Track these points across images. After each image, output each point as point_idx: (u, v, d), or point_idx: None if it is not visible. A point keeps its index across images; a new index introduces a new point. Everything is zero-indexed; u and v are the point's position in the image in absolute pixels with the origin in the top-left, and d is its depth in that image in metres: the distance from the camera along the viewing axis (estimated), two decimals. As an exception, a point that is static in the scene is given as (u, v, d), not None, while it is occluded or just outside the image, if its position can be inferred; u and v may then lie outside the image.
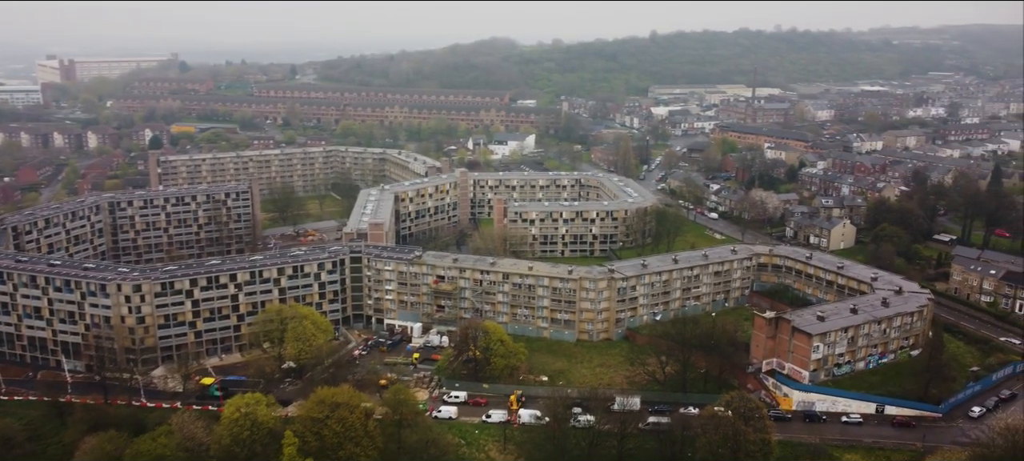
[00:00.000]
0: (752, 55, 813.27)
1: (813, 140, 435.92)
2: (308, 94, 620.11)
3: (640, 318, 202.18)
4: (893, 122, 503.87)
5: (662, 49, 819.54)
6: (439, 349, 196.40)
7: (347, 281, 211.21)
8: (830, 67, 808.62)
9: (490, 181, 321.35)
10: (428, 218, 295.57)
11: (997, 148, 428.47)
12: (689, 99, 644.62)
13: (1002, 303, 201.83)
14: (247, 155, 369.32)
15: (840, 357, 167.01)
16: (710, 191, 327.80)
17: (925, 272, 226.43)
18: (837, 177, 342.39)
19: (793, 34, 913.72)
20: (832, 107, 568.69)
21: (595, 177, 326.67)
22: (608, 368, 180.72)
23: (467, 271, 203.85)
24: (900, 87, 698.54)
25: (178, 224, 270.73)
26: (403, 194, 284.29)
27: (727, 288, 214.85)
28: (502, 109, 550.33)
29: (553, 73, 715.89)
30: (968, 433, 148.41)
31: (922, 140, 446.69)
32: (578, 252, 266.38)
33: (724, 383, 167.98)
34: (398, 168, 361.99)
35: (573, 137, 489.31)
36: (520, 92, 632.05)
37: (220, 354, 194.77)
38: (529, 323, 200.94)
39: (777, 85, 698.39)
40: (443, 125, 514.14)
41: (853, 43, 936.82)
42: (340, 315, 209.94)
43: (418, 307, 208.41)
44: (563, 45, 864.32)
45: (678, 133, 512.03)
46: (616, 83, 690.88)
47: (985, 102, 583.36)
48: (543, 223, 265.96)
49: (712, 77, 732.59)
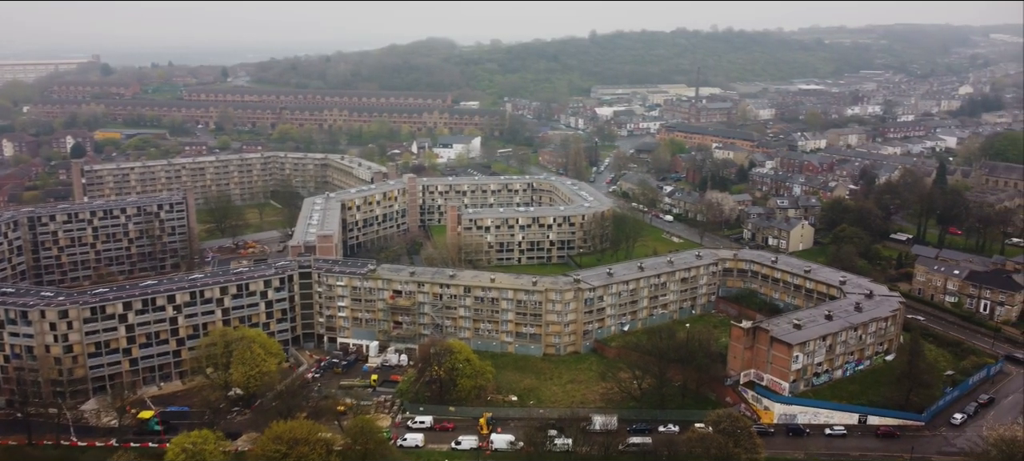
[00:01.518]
0: (691, 55, 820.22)
1: (759, 139, 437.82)
2: (242, 97, 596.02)
3: (608, 329, 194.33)
4: (833, 120, 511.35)
5: (602, 49, 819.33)
6: (398, 369, 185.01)
7: (296, 298, 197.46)
8: (767, 66, 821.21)
9: (440, 187, 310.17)
10: (376, 227, 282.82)
11: (935, 145, 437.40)
12: (632, 99, 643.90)
13: (966, 303, 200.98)
14: (179, 162, 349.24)
15: (818, 366, 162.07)
16: (663, 193, 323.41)
17: (887, 273, 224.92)
18: (787, 177, 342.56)
19: (730, 34, 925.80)
20: (773, 106, 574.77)
21: (548, 181, 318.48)
22: (579, 384, 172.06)
23: (426, 285, 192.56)
24: (835, 85, 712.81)
25: (106, 239, 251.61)
26: (350, 202, 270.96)
27: (694, 295, 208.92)
28: (445, 111, 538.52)
29: (495, 74, 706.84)
30: (953, 442, 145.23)
31: (864, 138, 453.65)
32: (535, 259, 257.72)
33: (702, 397, 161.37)
34: (341, 174, 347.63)
35: (519, 139, 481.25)
36: (462, 93, 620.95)
37: (159, 383, 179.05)
38: (493, 338, 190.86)
39: (717, 85, 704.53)
40: (385, 128, 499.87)
41: (787, 43, 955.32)
42: (289, 335, 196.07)
43: (373, 324, 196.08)
44: (503, 45, 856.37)
45: (624, 134, 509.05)
46: (559, 83, 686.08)
47: (918, 100, 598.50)
48: (498, 230, 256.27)
49: (653, 77, 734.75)
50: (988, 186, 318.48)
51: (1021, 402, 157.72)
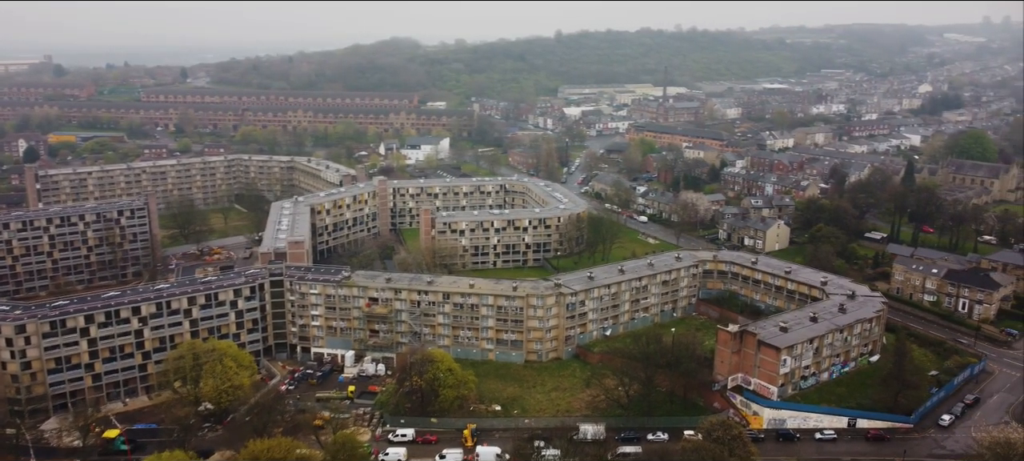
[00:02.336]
0: (656, 54, 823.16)
1: (728, 139, 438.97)
2: (202, 98, 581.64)
3: (590, 334, 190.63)
4: (799, 119, 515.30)
5: (568, 49, 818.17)
6: (376, 379, 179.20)
7: (268, 308, 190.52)
8: (731, 66, 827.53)
9: (411, 189, 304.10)
10: (346, 231, 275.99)
11: (900, 143, 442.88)
12: (599, 99, 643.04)
13: (945, 302, 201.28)
14: (139, 166, 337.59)
15: (805, 369, 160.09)
16: (637, 194, 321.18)
17: (864, 272, 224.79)
18: (759, 176, 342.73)
19: (694, 34, 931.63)
20: (739, 105, 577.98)
21: (520, 182, 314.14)
22: (564, 392, 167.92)
23: (403, 292, 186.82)
24: (798, 85, 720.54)
25: (64, 248, 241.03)
26: (319, 206, 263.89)
27: (675, 298, 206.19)
28: (412, 112, 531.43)
29: (461, 74, 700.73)
30: (943, 444, 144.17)
31: (830, 136, 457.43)
32: (511, 263, 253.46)
33: (689, 403, 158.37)
34: (309, 177, 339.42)
35: (487, 140, 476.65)
36: (428, 94, 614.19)
37: (124, 399, 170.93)
38: (473, 346, 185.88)
39: (683, 84, 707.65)
40: (351, 129, 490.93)
41: (750, 42, 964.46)
42: (261, 346, 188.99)
43: (349, 333, 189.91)
44: (469, 45, 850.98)
45: (593, 134, 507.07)
46: (525, 83, 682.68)
47: (880, 98, 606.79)
48: (473, 234, 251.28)
49: (620, 76, 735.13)
50: (955, 184, 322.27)
51: (1006, 401, 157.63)
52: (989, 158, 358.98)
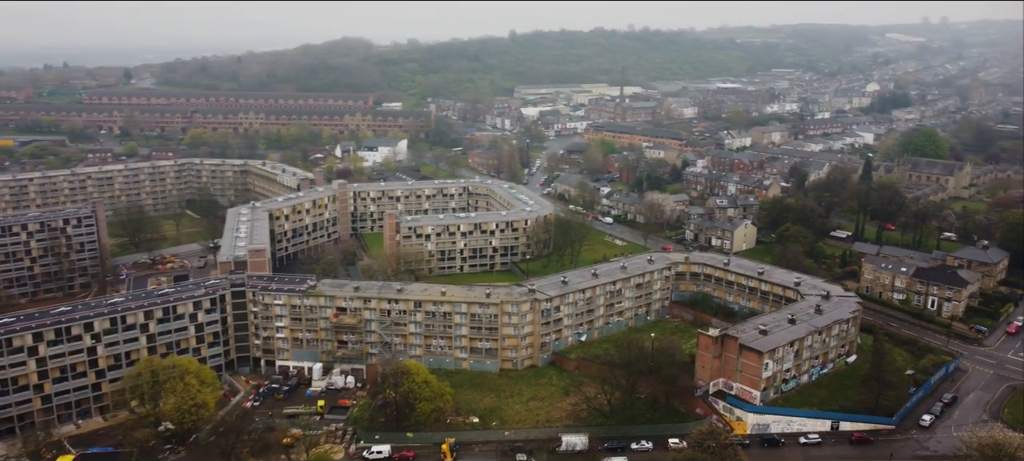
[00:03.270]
0: (610, 54, 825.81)
1: (687, 138, 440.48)
2: (148, 100, 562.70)
3: (565, 340, 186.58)
4: (754, 118, 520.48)
5: (523, 49, 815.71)
6: (345, 392, 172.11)
7: (229, 320, 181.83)
8: (684, 65, 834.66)
9: (371, 193, 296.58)
10: (306, 237, 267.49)
11: (854, 141, 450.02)
12: (556, 99, 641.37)
13: (915, 300, 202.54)
14: (84, 172, 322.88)
15: (787, 372, 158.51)
16: (601, 195, 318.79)
17: (832, 271, 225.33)
18: (721, 176, 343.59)
19: (647, 34, 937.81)
20: (695, 105, 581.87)
21: (484, 184, 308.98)
22: (543, 401, 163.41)
23: (372, 301, 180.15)
24: (751, 84, 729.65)
25: (5, 259, 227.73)
26: (277, 211, 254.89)
27: (648, 301, 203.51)
28: (367, 113, 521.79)
29: (416, 74, 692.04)
30: (925, 444, 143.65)
31: (786, 135, 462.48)
32: (478, 267, 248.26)
33: (672, 410, 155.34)
34: (264, 181, 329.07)
35: (446, 141, 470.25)
36: (383, 94, 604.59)
37: (76, 421, 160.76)
38: (446, 355, 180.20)
39: (638, 84, 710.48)
40: (305, 131, 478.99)
41: (701, 42, 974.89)
42: (223, 360, 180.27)
43: (316, 345, 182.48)
44: (423, 45, 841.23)
45: (551, 134, 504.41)
46: (481, 84, 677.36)
47: (831, 97, 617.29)
48: (439, 238, 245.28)
49: (575, 76, 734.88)
50: (912, 181, 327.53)
51: (983, 399, 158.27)
52: (941, 155, 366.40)
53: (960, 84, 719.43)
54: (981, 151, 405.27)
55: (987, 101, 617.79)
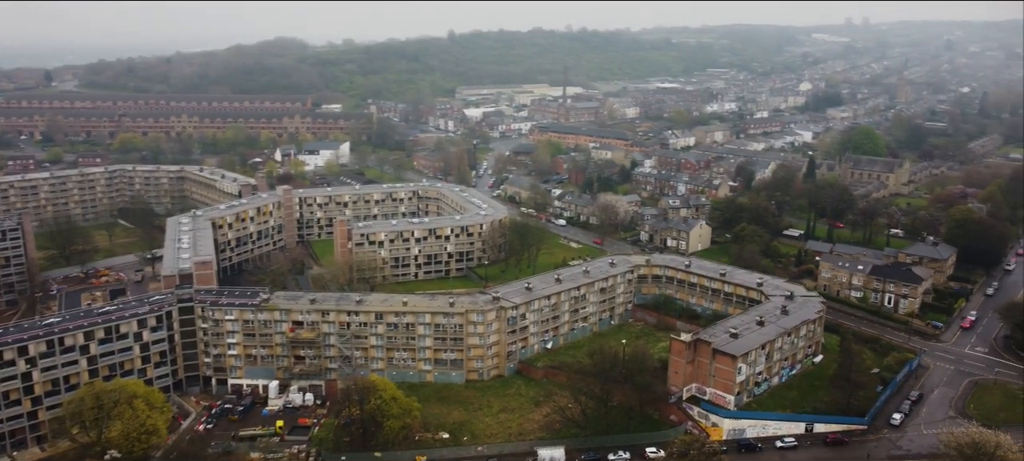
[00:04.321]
0: (550, 54, 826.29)
1: (633, 138, 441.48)
2: (72, 104, 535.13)
3: (531, 348, 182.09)
4: (696, 118, 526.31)
5: (463, 49, 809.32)
6: (304, 410, 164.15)
7: (177, 338, 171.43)
8: (623, 65, 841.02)
9: (318, 198, 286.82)
10: (251, 246, 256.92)
11: (793, 140, 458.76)
12: (498, 100, 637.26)
13: (872, 298, 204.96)
14: (6, 181, 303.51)
15: (758, 375, 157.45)
16: (553, 196, 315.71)
17: (789, 270, 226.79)
18: (670, 176, 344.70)
19: (585, 34, 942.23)
20: (637, 105, 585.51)
21: (434, 187, 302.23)
22: (513, 413, 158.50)
23: (331, 313, 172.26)
24: (689, 84, 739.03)
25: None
26: (220, 220, 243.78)
27: (612, 305, 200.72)
28: (307, 115, 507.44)
29: (355, 75, 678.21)
30: (899, 444, 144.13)
31: (728, 134, 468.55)
32: (433, 274, 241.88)
33: (646, 417, 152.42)
34: (202, 188, 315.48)
35: (389, 143, 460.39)
36: (322, 96, 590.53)
37: (11, 453, 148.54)
38: (409, 368, 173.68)
39: (579, 84, 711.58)
40: (242, 135, 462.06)
41: (638, 42, 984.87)
42: (171, 380, 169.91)
43: (271, 361, 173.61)
44: (361, 45, 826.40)
45: (496, 135, 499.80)
46: (422, 84, 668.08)
47: (768, 97, 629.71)
48: (392, 244, 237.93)
49: (516, 77, 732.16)
50: (854, 179, 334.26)
51: (947, 395, 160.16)
52: (879, 153, 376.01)
53: (887, 83, 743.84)
54: (914, 148, 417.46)
55: (914, 99, 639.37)
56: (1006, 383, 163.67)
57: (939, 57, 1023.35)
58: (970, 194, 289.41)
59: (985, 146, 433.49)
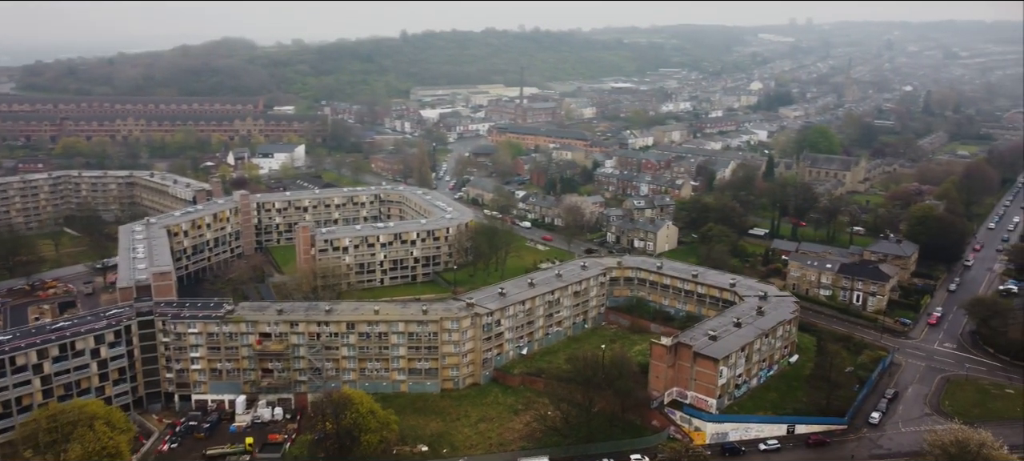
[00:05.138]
0: (504, 55, 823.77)
1: (592, 138, 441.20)
2: (9, 107, 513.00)
3: (507, 355, 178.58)
4: (652, 117, 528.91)
5: (416, 49, 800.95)
6: (274, 425, 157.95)
7: (136, 353, 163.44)
8: (576, 66, 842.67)
9: (277, 203, 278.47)
10: (207, 253, 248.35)
11: (749, 138, 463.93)
12: (454, 100, 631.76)
13: (841, 296, 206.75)
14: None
15: (739, 377, 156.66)
16: (517, 198, 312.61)
17: (757, 270, 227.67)
18: (632, 176, 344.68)
19: (538, 34, 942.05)
20: (593, 105, 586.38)
21: (396, 191, 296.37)
22: (492, 422, 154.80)
23: (300, 324, 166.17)
24: (642, 83, 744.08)
25: None
26: (175, 227, 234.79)
27: (585, 308, 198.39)
28: (259, 117, 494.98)
29: (307, 76, 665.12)
30: (879, 443, 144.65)
31: (686, 134, 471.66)
32: (399, 279, 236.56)
33: (628, 423, 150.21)
34: (154, 194, 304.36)
35: (345, 146, 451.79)
36: (274, 98, 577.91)
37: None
38: (383, 378, 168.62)
39: (534, 84, 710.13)
40: (193, 138, 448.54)
41: (590, 42, 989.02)
42: (130, 398, 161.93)
43: (237, 375, 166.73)
44: (312, 46, 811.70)
45: (454, 137, 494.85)
46: (376, 85, 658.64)
47: (721, 96, 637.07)
48: (357, 250, 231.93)
49: (471, 77, 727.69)
50: (812, 177, 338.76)
51: (921, 393, 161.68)
52: (834, 151, 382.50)
53: (834, 82, 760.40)
54: (866, 146, 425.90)
55: (861, 98, 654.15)
56: (977, 379, 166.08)
57: (880, 57, 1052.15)
58: (925, 191, 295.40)
59: (933, 143, 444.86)
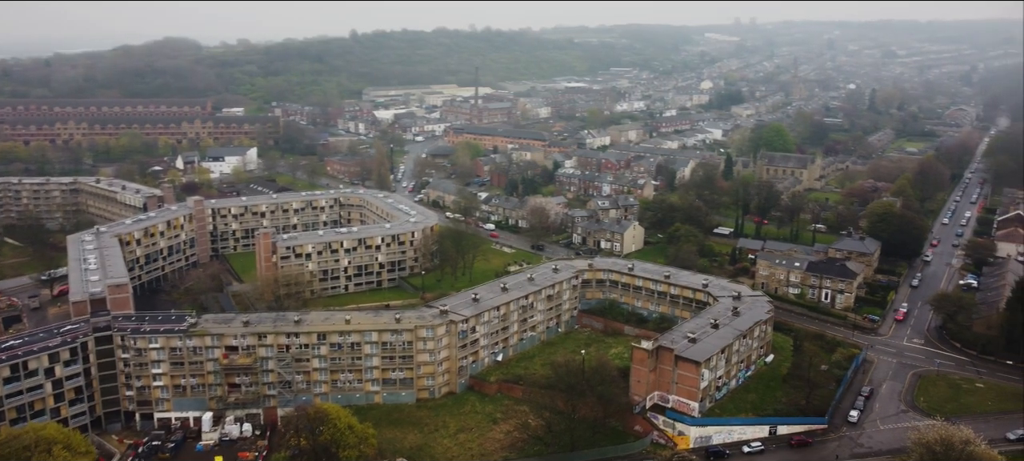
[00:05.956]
0: (456, 54, 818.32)
1: (549, 138, 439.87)
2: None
3: (482, 362, 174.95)
4: (607, 117, 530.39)
5: (367, 49, 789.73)
6: (244, 442, 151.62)
7: (94, 371, 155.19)
8: (528, 65, 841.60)
9: (233, 209, 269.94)
10: (161, 262, 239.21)
11: (704, 137, 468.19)
12: (407, 101, 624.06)
13: (809, 294, 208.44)
14: None
15: (719, 379, 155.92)
16: (480, 200, 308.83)
17: (725, 269, 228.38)
18: (594, 176, 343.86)
19: (489, 33, 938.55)
20: (548, 104, 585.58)
21: (356, 194, 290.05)
22: (472, 433, 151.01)
23: (268, 336, 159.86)
24: (594, 83, 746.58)
25: None
26: (127, 236, 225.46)
27: (558, 312, 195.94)
28: (208, 119, 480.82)
29: (255, 77, 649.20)
30: (860, 442, 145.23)
31: (642, 133, 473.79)
32: (363, 286, 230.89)
33: (610, 429, 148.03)
34: (101, 201, 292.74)
35: (298, 148, 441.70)
36: (222, 99, 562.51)
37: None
38: (356, 389, 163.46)
39: (487, 84, 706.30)
40: (138, 141, 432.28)
41: (542, 42, 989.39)
42: (88, 418, 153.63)
43: (203, 391, 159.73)
44: (259, 46, 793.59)
45: (410, 138, 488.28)
46: (327, 86, 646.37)
47: (674, 95, 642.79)
48: (321, 257, 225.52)
49: (424, 77, 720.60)
50: (770, 175, 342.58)
51: (895, 389, 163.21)
52: (789, 149, 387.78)
53: (781, 80, 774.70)
54: (817, 144, 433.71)
55: (808, 96, 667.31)
56: (947, 374, 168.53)
57: (823, 55, 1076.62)
58: (881, 188, 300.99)
59: (881, 140, 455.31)
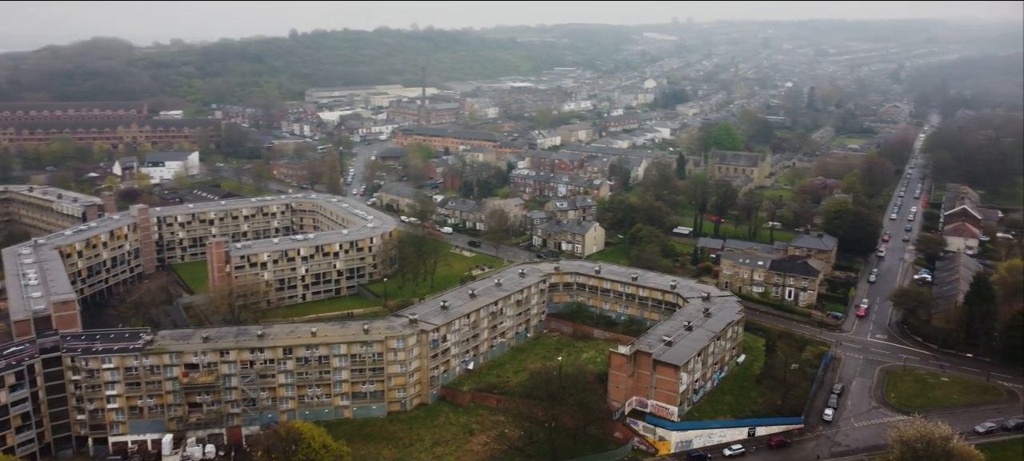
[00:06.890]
0: (399, 54, 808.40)
1: (500, 139, 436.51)
2: None
3: (453, 372, 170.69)
4: (556, 117, 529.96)
5: (308, 50, 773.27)
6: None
7: (41, 395, 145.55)
8: (472, 65, 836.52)
9: (180, 217, 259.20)
10: (105, 275, 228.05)
11: (653, 136, 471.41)
12: (352, 102, 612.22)
13: (772, 292, 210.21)
14: None
15: (696, 382, 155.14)
16: (436, 203, 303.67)
17: (688, 269, 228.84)
18: (549, 177, 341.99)
19: (432, 33, 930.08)
20: (496, 104, 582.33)
21: (308, 199, 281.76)
22: (448, 445, 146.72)
23: (231, 352, 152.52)
24: (539, 82, 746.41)
25: None
26: (68, 248, 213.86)
27: (528, 317, 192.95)
28: (145, 123, 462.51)
29: (193, 78, 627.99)
30: (837, 440, 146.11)
31: (591, 132, 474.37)
32: (322, 294, 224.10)
33: (590, 437, 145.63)
34: (36, 211, 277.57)
35: (242, 152, 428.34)
36: (159, 102, 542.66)
37: None
38: (324, 404, 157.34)
39: (432, 84, 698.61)
40: (71, 147, 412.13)
41: (485, 41, 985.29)
42: (37, 446, 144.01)
43: (161, 412, 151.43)
44: (195, 46, 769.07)
45: (357, 139, 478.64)
46: (268, 87, 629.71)
47: (619, 94, 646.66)
48: (277, 265, 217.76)
49: (367, 78, 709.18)
50: (722, 174, 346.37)
51: (865, 385, 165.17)
52: (738, 148, 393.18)
53: (721, 79, 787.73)
54: (763, 142, 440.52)
55: (748, 95, 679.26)
56: (913, 369, 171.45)
57: (759, 54, 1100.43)
58: (831, 184, 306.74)
59: (823, 137, 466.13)
